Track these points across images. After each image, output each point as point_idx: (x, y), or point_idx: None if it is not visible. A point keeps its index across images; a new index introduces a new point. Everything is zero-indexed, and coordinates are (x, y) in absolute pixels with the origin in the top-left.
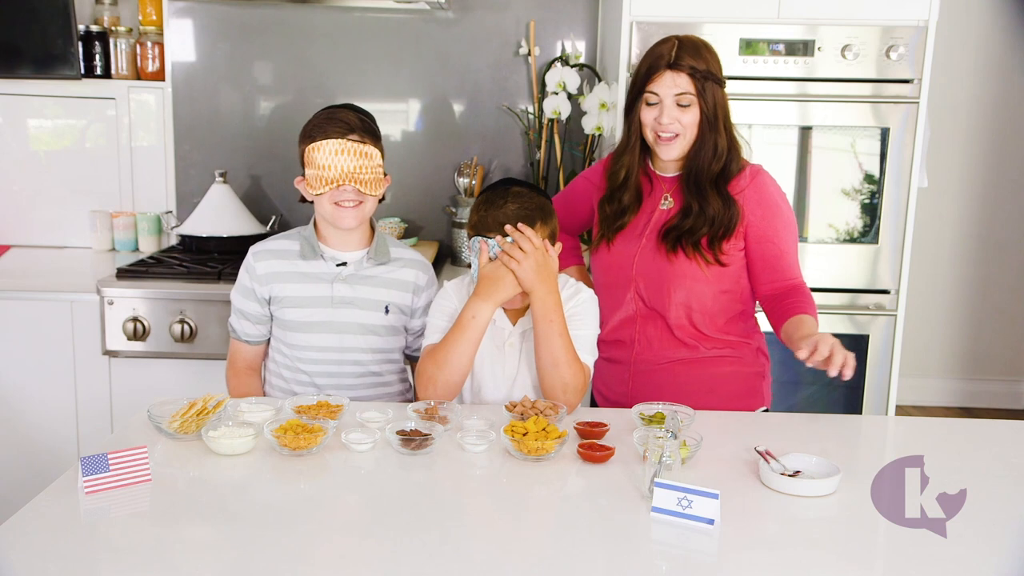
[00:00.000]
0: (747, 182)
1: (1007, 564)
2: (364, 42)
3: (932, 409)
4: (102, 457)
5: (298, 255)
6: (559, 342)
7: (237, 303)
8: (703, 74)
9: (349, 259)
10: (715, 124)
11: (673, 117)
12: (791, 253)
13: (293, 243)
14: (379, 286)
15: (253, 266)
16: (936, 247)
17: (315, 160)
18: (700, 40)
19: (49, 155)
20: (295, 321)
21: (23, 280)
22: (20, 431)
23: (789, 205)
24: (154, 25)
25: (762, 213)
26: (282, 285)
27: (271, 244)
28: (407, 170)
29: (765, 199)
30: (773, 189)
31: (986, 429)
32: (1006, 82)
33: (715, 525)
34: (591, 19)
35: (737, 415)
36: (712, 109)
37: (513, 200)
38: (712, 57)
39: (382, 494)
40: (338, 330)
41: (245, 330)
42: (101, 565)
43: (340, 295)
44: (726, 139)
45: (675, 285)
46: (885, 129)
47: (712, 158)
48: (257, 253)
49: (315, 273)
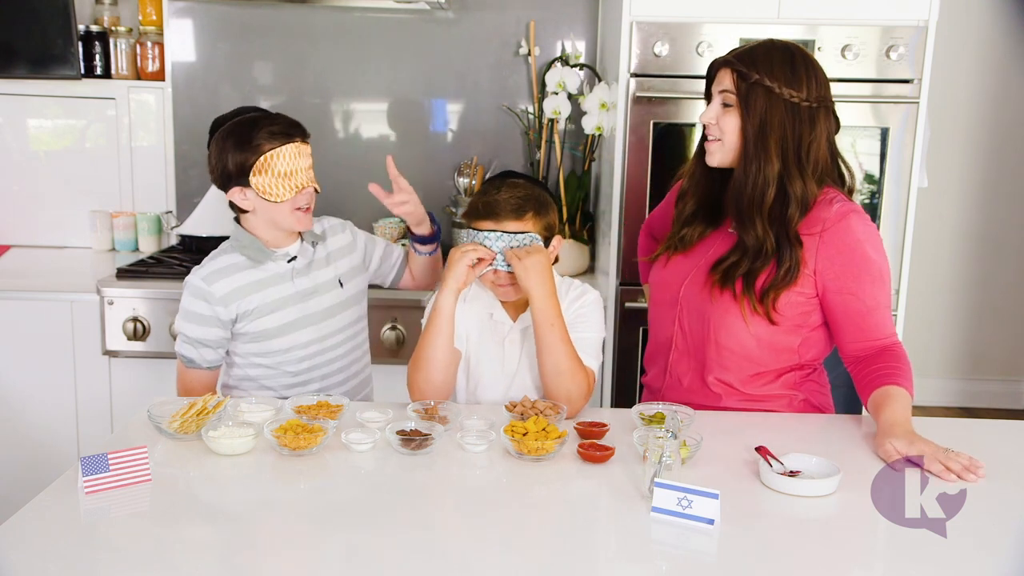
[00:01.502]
0: (830, 224)
1: (1007, 564)
2: (364, 42)
3: (932, 409)
4: (102, 457)
5: (247, 264)
6: (562, 349)
7: (193, 333)
8: (750, 77)
9: (292, 251)
10: (762, 142)
11: (713, 115)
12: (879, 310)
13: (234, 256)
14: (330, 263)
15: (207, 291)
16: (936, 247)
17: (275, 168)
18: (783, 47)
19: (49, 155)
20: (270, 328)
21: (23, 280)
22: (20, 431)
23: (883, 255)
24: (154, 25)
25: (843, 263)
26: (247, 298)
27: (214, 264)
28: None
29: (849, 246)
30: (862, 235)
31: (986, 429)
32: (1006, 82)
33: (715, 525)
34: (591, 19)
35: (737, 415)
36: (759, 122)
37: (508, 189)
38: (784, 68)
39: (382, 494)
40: (312, 321)
41: (206, 357)
42: (101, 565)
43: (303, 288)
44: (779, 166)
45: (716, 325)
46: (885, 129)
47: (751, 182)
48: (206, 277)
49: (272, 276)
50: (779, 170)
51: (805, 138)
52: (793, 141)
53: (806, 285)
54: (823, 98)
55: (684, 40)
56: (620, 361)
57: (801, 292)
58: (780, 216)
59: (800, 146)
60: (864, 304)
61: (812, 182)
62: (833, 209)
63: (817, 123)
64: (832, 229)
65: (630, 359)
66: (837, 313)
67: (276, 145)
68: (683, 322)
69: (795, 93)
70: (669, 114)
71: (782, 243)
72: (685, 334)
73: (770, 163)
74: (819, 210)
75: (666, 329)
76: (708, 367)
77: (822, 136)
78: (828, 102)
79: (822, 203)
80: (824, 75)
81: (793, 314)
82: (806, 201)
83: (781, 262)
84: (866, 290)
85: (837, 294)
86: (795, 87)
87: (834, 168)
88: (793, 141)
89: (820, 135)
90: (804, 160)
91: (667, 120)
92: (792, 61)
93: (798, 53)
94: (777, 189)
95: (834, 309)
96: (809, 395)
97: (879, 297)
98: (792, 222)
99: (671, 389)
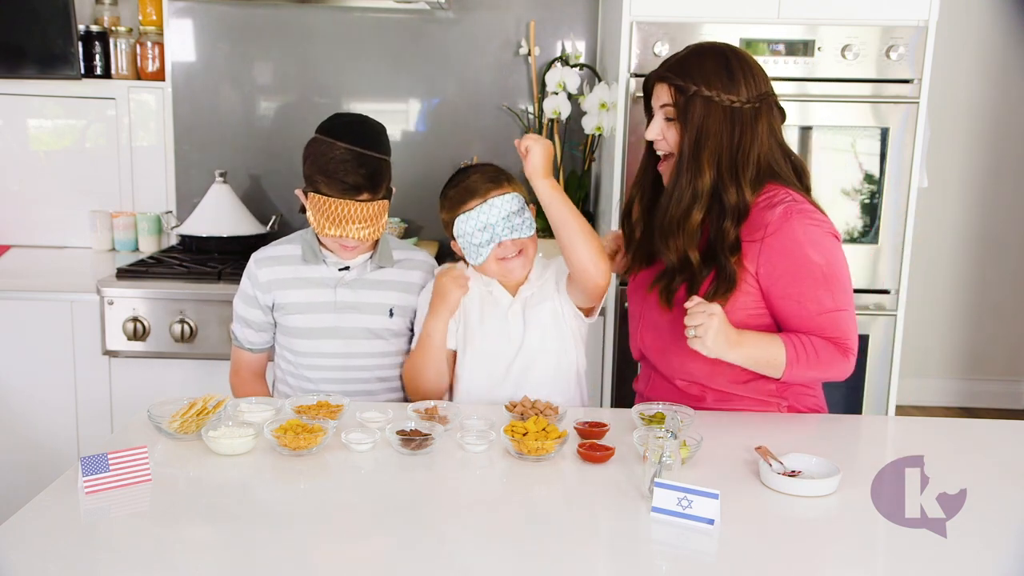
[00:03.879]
0: (772, 228)
1: (1007, 564)
2: (364, 42)
3: (932, 409)
4: (102, 457)
5: (300, 260)
6: (578, 218)
7: (240, 310)
8: (688, 90)
9: (352, 263)
10: (695, 154)
11: (658, 131)
12: (825, 314)
13: (295, 247)
14: (383, 289)
15: (255, 273)
16: (936, 247)
17: (324, 210)
18: (715, 51)
19: (49, 155)
20: (299, 328)
21: (23, 280)
22: (20, 431)
23: (830, 256)
24: (154, 25)
25: (784, 267)
26: (285, 292)
27: (273, 250)
28: (407, 170)
29: (790, 249)
30: (803, 238)
31: (986, 429)
32: (1006, 82)
33: (715, 525)
34: (591, 19)
35: (737, 415)
36: (695, 134)
37: (472, 172)
38: (720, 73)
39: (382, 494)
40: (343, 335)
41: (248, 338)
42: (101, 565)
43: (343, 300)
44: (712, 177)
45: (677, 335)
46: (885, 129)
47: (677, 199)
48: (260, 260)
49: (317, 278)
50: (712, 181)
51: (745, 141)
52: (730, 148)
53: (751, 290)
54: (763, 95)
55: (684, 40)
56: (620, 361)
57: (748, 296)
58: (716, 226)
59: (738, 151)
60: (806, 308)
61: (747, 189)
62: (777, 211)
63: (759, 122)
64: (775, 234)
65: (630, 359)
66: (780, 317)
67: (332, 196)
68: (644, 336)
69: (734, 98)
70: None
71: (718, 253)
72: (648, 346)
73: (701, 176)
74: (761, 214)
75: (635, 338)
76: (677, 374)
77: (764, 133)
78: (769, 97)
79: (764, 206)
80: (761, 70)
81: (744, 317)
82: (741, 210)
83: (719, 271)
84: (807, 294)
85: (779, 299)
86: (733, 92)
87: (784, 162)
88: (730, 148)
89: (761, 133)
90: (741, 166)
91: None
92: (727, 65)
93: (731, 54)
94: (710, 201)
95: (777, 313)
96: (794, 401)
97: (824, 301)
98: (728, 233)
99: (654, 392)
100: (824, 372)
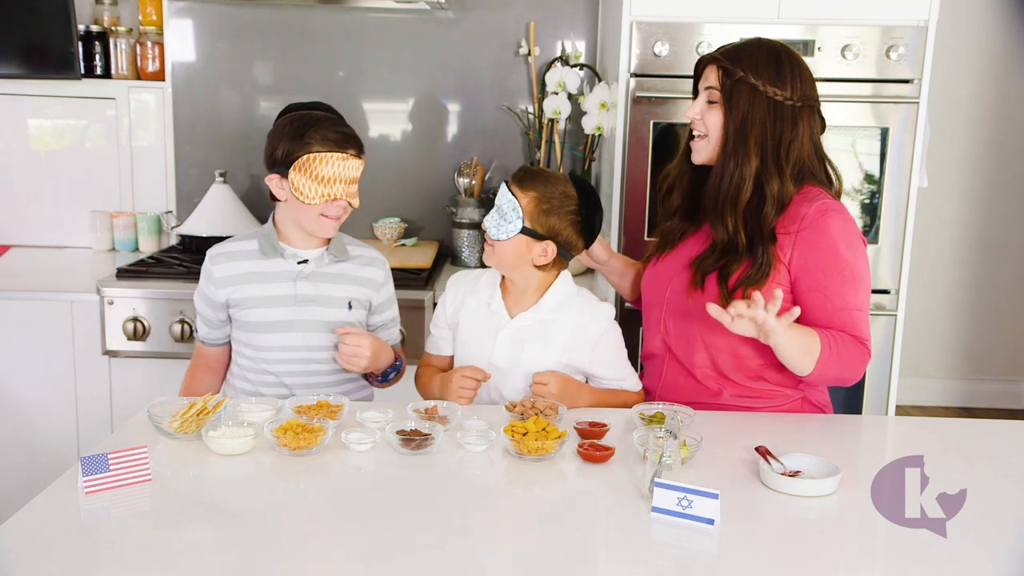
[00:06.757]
0: (808, 221)
1: (1007, 564)
2: (364, 42)
3: (932, 409)
4: (102, 457)
5: (257, 254)
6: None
7: (197, 306)
8: (735, 74)
9: (310, 256)
10: (742, 139)
11: (698, 111)
12: (848, 310)
13: (251, 243)
14: (341, 282)
15: (210, 270)
16: (936, 247)
17: (316, 171)
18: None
19: (49, 155)
20: (257, 322)
21: (23, 280)
22: (20, 431)
23: (860, 256)
24: (154, 25)
25: (815, 259)
26: (240, 287)
27: (229, 246)
28: (407, 170)
29: (823, 243)
30: (837, 234)
31: (986, 429)
32: (1006, 82)
33: (715, 525)
34: (591, 19)
35: (737, 415)
36: (740, 119)
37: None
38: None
39: (382, 494)
40: (302, 328)
41: (202, 331)
42: (101, 565)
43: (303, 293)
44: (757, 164)
45: (701, 323)
46: (885, 129)
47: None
48: (214, 256)
49: (276, 272)
50: (757, 168)
51: (786, 136)
52: (773, 139)
53: (782, 280)
54: (807, 97)
55: (684, 40)
56: None
57: (778, 286)
58: (756, 213)
59: (780, 144)
60: (832, 303)
61: (790, 182)
62: (813, 206)
63: (800, 122)
64: (810, 227)
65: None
66: (805, 310)
67: (324, 150)
68: (668, 324)
69: (779, 91)
70: (669, 114)
71: (755, 240)
72: (671, 334)
73: (748, 161)
74: (798, 207)
75: (655, 330)
76: (699, 363)
77: (804, 135)
78: (813, 102)
79: (802, 200)
80: (810, 75)
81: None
82: (782, 200)
83: (755, 259)
84: (835, 288)
85: (807, 291)
86: (779, 85)
87: (820, 168)
88: (773, 139)
89: (802, 134)
90: (783, 159)
91: (667, 120)
92: (778, 60)
93: (784, 52)
94: (754, 187)
95: (803, 306)
96: (808, 392)
97: (848, 298)
98: (767, 220)
99: (668, 389)
100: (845, 370)
